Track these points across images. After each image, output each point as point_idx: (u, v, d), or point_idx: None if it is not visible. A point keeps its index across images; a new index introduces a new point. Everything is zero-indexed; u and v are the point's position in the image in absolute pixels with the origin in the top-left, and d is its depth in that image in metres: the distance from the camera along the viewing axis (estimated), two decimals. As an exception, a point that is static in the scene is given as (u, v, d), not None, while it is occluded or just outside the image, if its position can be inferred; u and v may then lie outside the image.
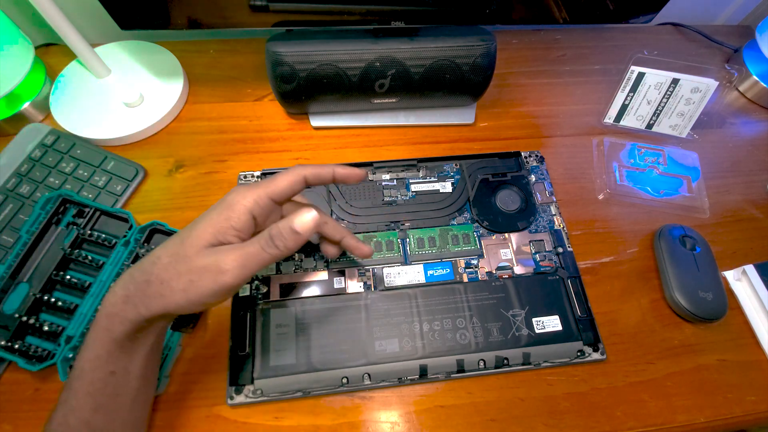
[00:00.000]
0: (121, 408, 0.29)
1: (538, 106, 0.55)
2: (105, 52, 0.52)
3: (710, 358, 0.40)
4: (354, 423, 0.36)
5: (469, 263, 0.43)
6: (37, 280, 0.38)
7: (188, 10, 0.42)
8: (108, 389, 0.28)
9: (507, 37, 0.61)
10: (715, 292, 0.42)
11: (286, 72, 0.44)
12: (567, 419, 0.37)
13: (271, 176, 0.32)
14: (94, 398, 0.28)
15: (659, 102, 0.51)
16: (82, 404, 0.28)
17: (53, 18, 0.43)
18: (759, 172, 0.52)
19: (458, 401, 0.37)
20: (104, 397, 0.28)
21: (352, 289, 0.41)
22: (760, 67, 0.57)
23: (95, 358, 0.28)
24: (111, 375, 0.28)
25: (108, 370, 0.28)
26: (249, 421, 0.36)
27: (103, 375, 0.28)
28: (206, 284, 0.26)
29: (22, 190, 0.43)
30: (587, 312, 0.41)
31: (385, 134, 0.52)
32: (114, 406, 0.29)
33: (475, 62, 0.46)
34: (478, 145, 0.52)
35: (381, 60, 0.45)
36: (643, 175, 0.50)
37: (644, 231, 0.47)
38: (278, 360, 0.37)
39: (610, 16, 0.48)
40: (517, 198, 0.47)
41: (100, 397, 0.28)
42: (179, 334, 0.38)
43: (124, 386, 0.29)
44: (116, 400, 0.29)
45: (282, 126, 0.52)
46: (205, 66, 0.55)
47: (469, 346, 0.38)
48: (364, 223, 0.44)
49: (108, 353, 0.28)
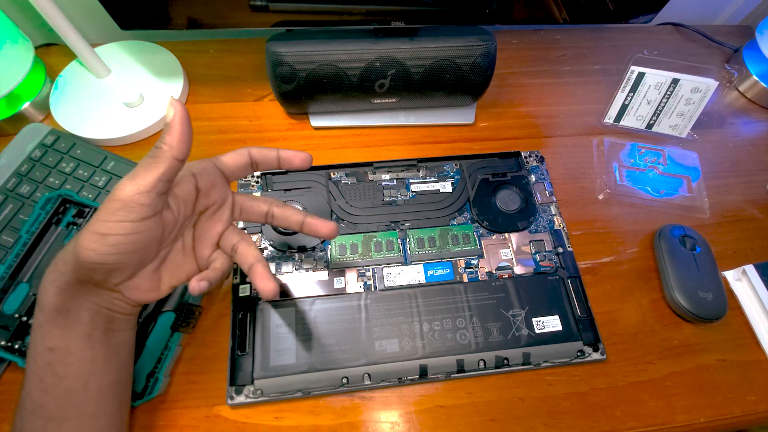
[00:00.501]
0: (70, 394, 0.28)
1: (538, 106, 0.55)
2: (105, 52, 0.52)
3: (710, 358, 0.40)
4: (354, 423, 0.36)
5: (469, 263, 0.43)
6: (37, 280, 0.38)
7: (188, 10, 0.42)
8: (50, 368, 0.27)
9: (507, 37, 0.61)
10: (715, 292, 0.42)
11: (286, 72, 0.44)
12: (567, 419, 0.37)
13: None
14: (40, 377, 0.27)
15: (659, 102, 0.51)
16: (32, 384, 0.27)
17: (53, 18, 0.43)
18: (759, 172, 0.52)
19: (458, 401, 0.37)
20: (49, 377, 0.27)
21: (352, 289, 0.41)
22: (760, 67, 0.57)
23: (34, 330, 0.28)
24: (50, 351, 0.27)
25: (46, 346, 0.27)
26: (249, 421, 0.36)
27: (42, 349, 0.27)
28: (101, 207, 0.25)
29: (22, 190, 0.43)
30: (587, 312, 0.41)
31: (385, 134, 0.52)
32: (62, 390, 0.28)
33: (475, 62, 0.46)
34: (478, 145, 0.52)
35: (381, 60, 0.45)
36: (643, 175, 0.50)
37: (644, 231, 0.47)
38: (278, 360, 0.37)
39: (610, 16, 0.48)
40: (517, 198, 0.47)
41: (46, 376, 0.27)
42: (179, 334, 0.38)
43: (67, 367, 0.28)
44: (63, 383, 0.28)
45: (282, 126, 0.52)
46: (205, 66, 0.55)
47: (469, 346, 0.38)
48: (364, 223, 0.44)
49: (41, 326, 0.27)
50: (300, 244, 0.42)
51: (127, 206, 0.25)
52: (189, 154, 0.27)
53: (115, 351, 0.30)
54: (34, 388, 0.28)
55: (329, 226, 0.34)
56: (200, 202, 0.31)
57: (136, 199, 0.25)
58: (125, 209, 0.25)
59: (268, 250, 0.42)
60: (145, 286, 0.29)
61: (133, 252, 0.26)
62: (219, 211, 0.33)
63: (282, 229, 0.43)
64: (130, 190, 0.25)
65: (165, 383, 0.36)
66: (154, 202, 0.26)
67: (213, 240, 0.33)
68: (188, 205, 0.30)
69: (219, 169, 0.32)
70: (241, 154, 0.32)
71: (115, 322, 0.30)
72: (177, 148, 0.26)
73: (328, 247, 0.43)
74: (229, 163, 0.32)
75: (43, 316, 0.27)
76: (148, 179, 0.25)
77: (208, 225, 0.33)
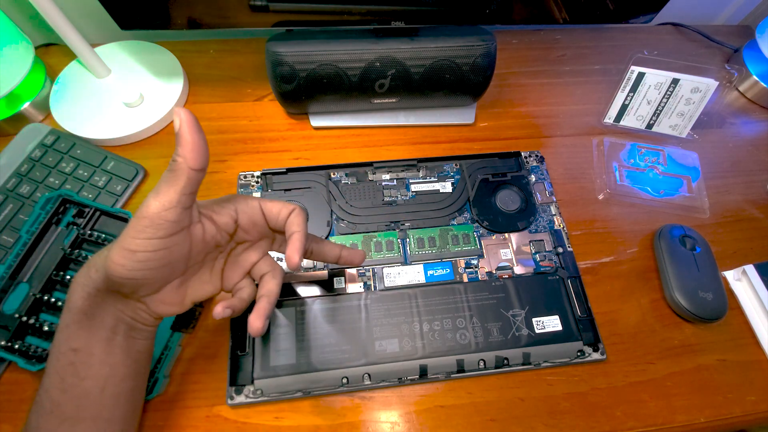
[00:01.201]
0: (87, 395, 0.28)
1: (538, 106, 0.55)
2: (105, 52, 0.52)
3: (710, 358, 0.40)
4: (354, 423, 0.36)
5: (469, 263, 0.43)
6: (37, 280, 0.38)
7: (188, 10, 0.42)
8: (72, 368, 0.28)
9: (507, 37, 0.61)
10: (715, 292, 0.42)
11: (286, 72, 0.44)
12: (567, 419, 0.37)
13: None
14: (61, 377, 0.28)
15: (659, 102, 0.51)
16: (52, 383, 0.28)
17: (53, 18, 0.43)
18: (759, 172, 0.52)
19: (458, 401, 0.37)
20: (70, 377, 0.28)
21: (352, 289, 0.41)
22: (760, 67, 0.57)
23: (59, 330, 0.28)
24: (73, 352, 0.28)
25: (70, 346, 0.28)
26: (249, 421, 0.36)
27: (66, 350, 0.28)
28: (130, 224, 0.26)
29: (22, 190, 0.43)
30: (587, 312, 0.41)
31: (385, 134, 0.52)
32: (80, 391, 0.28)
33: (475, 62, 0.46)
34: (478, 145, 0.52)
35: (381, 60, 0.45)
36: (643, 175, 0.50)
37: (644, 231, 0.47)
38: (278, 360, 0.37)
39: (610, 16, 0.48)
40: (517, 198, 0.47)
41: (66, 376, 0.28)
42: (179, 334, 0.38)
43: (87, 369, 0.28)
44: (82, 384, 0.28)
45: (282, 126, 0.52)
46: (205, 66, 0.55)
47: (469, 346, 0.38)
48: (364, 223, 0.44)
49: (67, 326, 0.28)
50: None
51: (154, 223, 0.25)
52: (207, 161, 0.27)
53: (135, 358, 0.31)
54: (53, 386, 0.28)
55: (361, 254, 0.36)
56: (239, 236, 0.32)
57: (163, 216, 0.25)
58: (153, 226, 0.25)
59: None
60: (169, 300, 0.30)
61: (161, 267, 0.27)
62: (257, 244, 0.33)
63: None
64: (155, 207, 0.25)
65: (165, 383, 0.36)
66: (179, 218, 0.26)
67: (245, 268, 0.33)
68: (224, 235, 0.31)
69: (263, 213, 0.32)
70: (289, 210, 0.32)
71: (137, 331, 0.30)
72: (191, 158, 0.26)
73: (328, 247, 0.43)
74: (273, 212, 0.32)
75: (70, 317, 0.28)
76: (171, 195, 0.26)
77: (244, 254, 0.33)
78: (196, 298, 0.31)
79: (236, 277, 0.33)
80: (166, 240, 0.26)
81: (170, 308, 0.30)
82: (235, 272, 0.33)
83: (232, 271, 0.33)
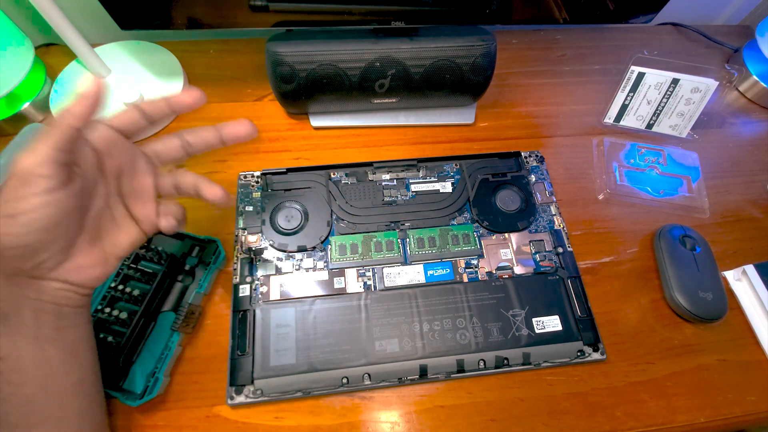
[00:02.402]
0: (31, 401, 0.26)
1: (538, 106, 0.55)
2: (105, 52, 0.52)
3: (710, 358, 0.40)
4: (354, 423, 0.36)
5: (469, 263, 0.43)
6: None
7: (188, 10, 0.43)
8: (3, 377, 0.26)
9: (507, 37, 0.61)
10: (715, 292, 0.42)
11: (286, 72, 0.44)
12: (567, 419, 0.37)
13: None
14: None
15: (659, 102, 0.51)
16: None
17: (53, 18, 0.43)
18: (759, 172, 0.52)
19: (458, 401, 0.37)
20: (5, 386, 0.26)
21: (352, 289, 0.41)
22: (760, 67, 0.57)
23: None
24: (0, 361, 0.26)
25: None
26: (249, 421, 0.36)
27: None
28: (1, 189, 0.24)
29: (22, 190, 0.43)
30: (587, 312, 0.41)
31: (385, 134, 0.52)
32: (21, 398, 0.26)
33: (475, 62, 0.46)
34: (478, 145, 0.52)
35: (381, 60, 0.45)
36: (643, 175, 0.50)
37: (644, 231, 0.47)
38: (278, 360, 0.37)
39: (610, 16, 0.48)
40: (517, 198, 0.47)
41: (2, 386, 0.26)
42: (179, 334, 0.38)
43: (22, 374, 0.26)
44: (21, 391, 0.26)
45: (282, 126, 0.52)
46: (205, 66, 0.55)
47: (469, 346, 0.38)
48: (364, 223, 0.44)
49: None
50: (300, 244, 0.42)
51: (27, 181, 0.23)
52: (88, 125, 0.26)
53: (72, 350, 0.28)
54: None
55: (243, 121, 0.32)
56: (107, 164, 0.29)
57: (36, 171, 0.23)
58: (26, 184, 0.23)
59: (268, 250, 0.42)
60: (87, 262, 0.27)
61: (51, 227, 0.25)
62: (135, 166, 0.30)
63: (282, 229, 0.43)
64: (26, 162, 0.23)
65: (165, 383, 0.36)
66: (55, 172, 0.24)
67: (149, 194, 0.31)
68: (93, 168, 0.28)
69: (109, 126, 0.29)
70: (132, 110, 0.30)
71: (65, 318, 0.28)
72: (78, 115, 0.24)
73: (328, 247, 0.43)
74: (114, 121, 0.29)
75: None
76: (44, 150, 0.24)
77: (133, 184, 0.30)
78: (118, 251, 0.29)
79: (147, 207, 0.30)
80: (44, 197, 0.24)
81: (92, 271, 0.28)
82: (143, 204, 0.30)
83: (139, 206, 0.30)
